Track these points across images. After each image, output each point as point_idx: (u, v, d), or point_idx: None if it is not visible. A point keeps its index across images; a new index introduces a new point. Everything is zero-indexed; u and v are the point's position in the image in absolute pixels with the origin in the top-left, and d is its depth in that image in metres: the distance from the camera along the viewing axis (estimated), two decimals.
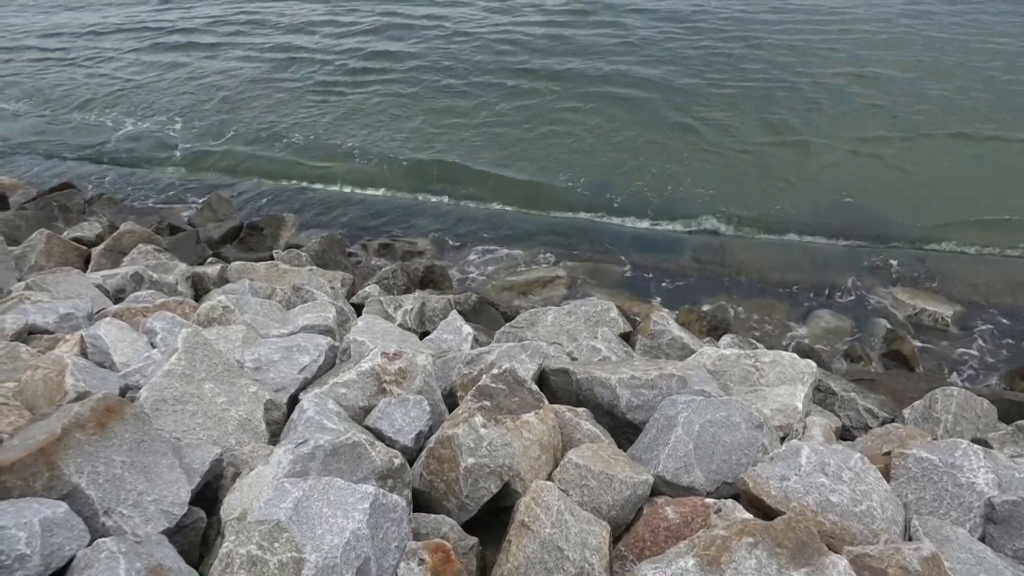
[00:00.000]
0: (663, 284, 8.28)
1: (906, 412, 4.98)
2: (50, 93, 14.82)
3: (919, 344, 7.12)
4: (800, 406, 4.00)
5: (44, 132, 13.13)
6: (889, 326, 7.25)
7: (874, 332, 7.19)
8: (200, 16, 18.31)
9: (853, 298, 7.97)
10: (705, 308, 7.48)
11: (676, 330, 5.53)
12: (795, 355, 4.40)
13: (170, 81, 14.92)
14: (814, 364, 4.37)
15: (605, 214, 9.58)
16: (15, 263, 6.69)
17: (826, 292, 8.04)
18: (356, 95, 13.47)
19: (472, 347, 5.01)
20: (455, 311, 5.68)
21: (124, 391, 3.61)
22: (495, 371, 3.57)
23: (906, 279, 8.16)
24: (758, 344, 6.36)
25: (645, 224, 9.38)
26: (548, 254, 8.87)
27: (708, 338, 6.47)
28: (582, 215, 9.62)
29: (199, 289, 6.52)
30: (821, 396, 5.28)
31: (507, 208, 9.92)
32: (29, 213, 8.95)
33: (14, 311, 4.69)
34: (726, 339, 6.11)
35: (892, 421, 4.98)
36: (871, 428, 4.82)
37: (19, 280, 6.02)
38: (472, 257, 8.96)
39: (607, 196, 9.86)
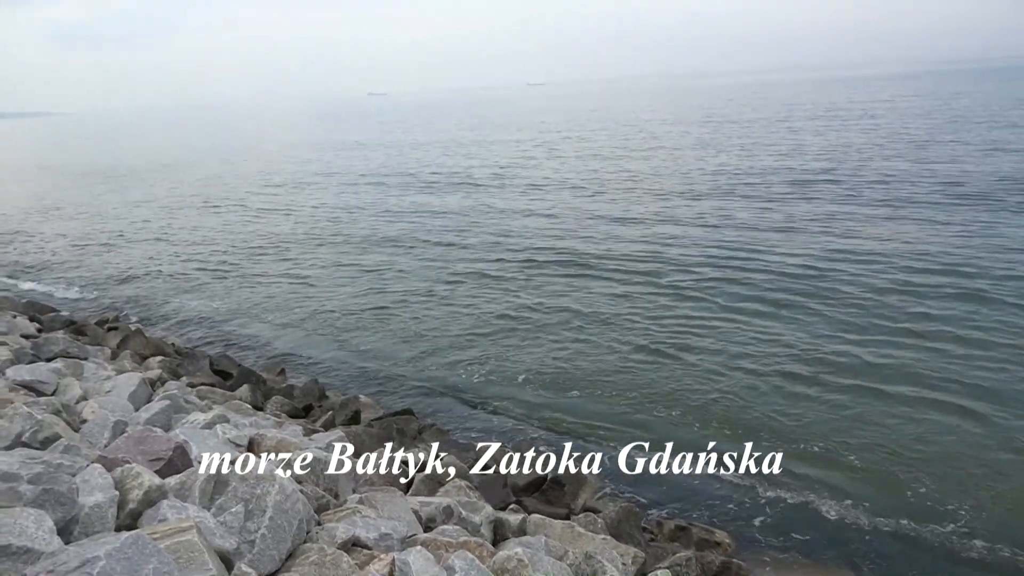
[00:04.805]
0: None
1: None
2: (421, 316, 17.40)
3: None
4: None
5: (400, 358, 15.28)
6: None
7: None
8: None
9: None
10: None
11: None
12: None
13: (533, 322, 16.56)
14: None
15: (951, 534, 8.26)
16: (355, 475, 7.58)
17: None
18: (674, 362, 13.72)
19: None
20: None
21: None
22: None
23: None
24: None
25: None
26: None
27: None
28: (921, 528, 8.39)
29: (498, 534, 6.76)
30: None
31: (829, 503, 9.05)
32: (374, 431, 10.22)
33: (346, 521, 5.26)
34: None
35: None
36: None
37: (353, 491, 6.78)
38: (772, 558, 8.16)
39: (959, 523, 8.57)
